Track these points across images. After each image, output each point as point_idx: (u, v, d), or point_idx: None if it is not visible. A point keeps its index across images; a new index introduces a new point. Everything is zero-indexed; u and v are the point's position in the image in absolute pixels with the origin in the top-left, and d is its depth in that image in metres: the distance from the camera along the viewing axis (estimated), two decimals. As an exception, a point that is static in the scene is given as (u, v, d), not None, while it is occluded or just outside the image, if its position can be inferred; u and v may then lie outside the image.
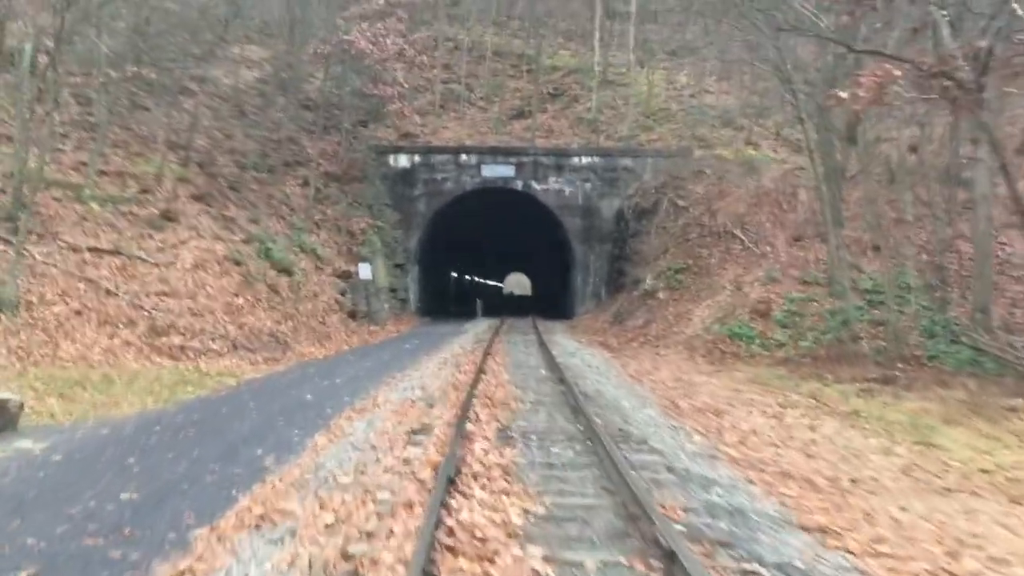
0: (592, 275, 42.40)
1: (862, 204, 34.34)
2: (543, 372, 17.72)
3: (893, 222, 32.38)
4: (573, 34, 55.20)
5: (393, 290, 37.89)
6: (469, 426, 10.53)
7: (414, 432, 10.40)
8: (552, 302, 56.52)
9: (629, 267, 39.46)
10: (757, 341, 25.96)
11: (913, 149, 37.28)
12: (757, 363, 24.76)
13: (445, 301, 58.85)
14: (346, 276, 31.77)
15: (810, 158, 29.74)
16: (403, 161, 41.89)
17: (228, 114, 35.68)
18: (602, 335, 32.76)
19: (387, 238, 38.90)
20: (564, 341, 28.76)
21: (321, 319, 27.20)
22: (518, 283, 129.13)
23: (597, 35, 48.49)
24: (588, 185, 42.17)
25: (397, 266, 39.95)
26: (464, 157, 42.06)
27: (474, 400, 12.84)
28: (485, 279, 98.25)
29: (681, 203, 39.07)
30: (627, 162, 42.00)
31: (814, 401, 16.31)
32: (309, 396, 14.82)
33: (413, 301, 42.22)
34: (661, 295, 32.31)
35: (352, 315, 30.21)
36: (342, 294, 30.48)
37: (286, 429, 11.37)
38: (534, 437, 10.42)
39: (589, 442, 10.07)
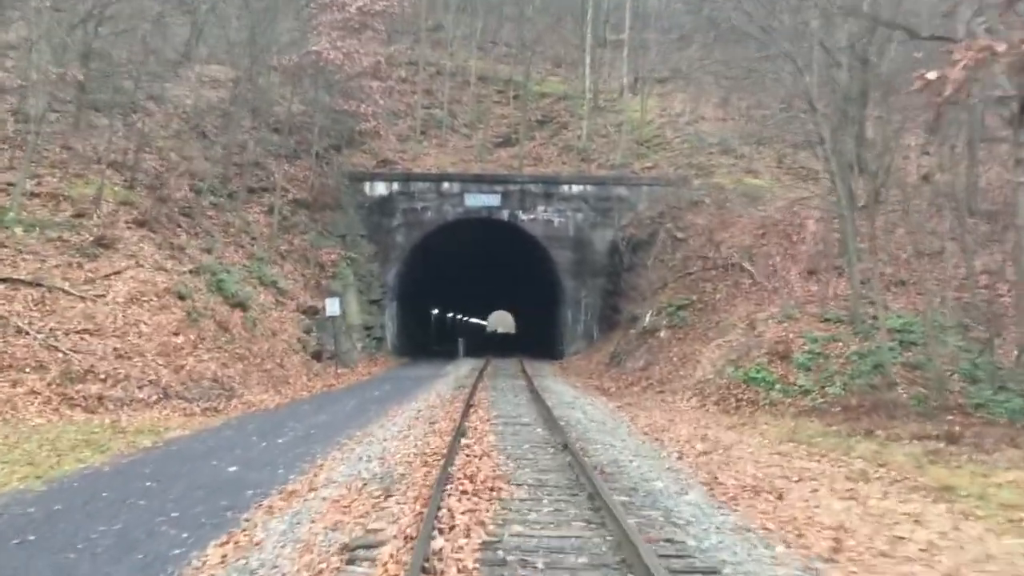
0: (583, 312, 38.87)
1: (879, 236, 31.24)
2: (540, 431, 14.06)
3: (914, 255, 29.22)
4: (562, 60, 52.19)
5: (367, 328, 34.22)
6: (439, 542, 6.79)
7: (350, 551, 6.70)
8: (539, 341, 52.87)
9: (624, 303, 35.99)
10: (777, 387, 22.39)
11: (926, 178, 34.25)
12: (779, 412, 21.22)
13: (426, 340, 55.10)
14: (312, 312, 28.10)
15: (832, 182, 26.44)
16: (380, 188, 38.44)
17: (187, 135, 32.12)
18: (598, 378, 29.18)
19: (361, 271, 35.31)
20: (557, 387, 25.15)
21: (279, 361, 23.49)
22: (502, 321, 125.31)
23: (588, 59, 45.44)
24: (579, 216, 38.80)
25: (372, 302, 36.34)
26: (446, 185, 38.66)
27: (449, 483, 9.14)
28: (468, 316, 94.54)
29: (680, 234, 35.76)
30: (621, 191, 38.68)
31: (882, 469, 12.73)
32: (233, 468, 11.13)
33: (390, 340, 38.55)
34: (662, 334, 28.77)
35: (317, 356, 26.48)
36: (307, 332, 26.79)
37: (168, 533, 7.69)
38: (541, 566, 6.65)
39: (632, 576, 6.37)
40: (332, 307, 26.94)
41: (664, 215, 36.90)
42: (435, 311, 59.30)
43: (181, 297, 21.57)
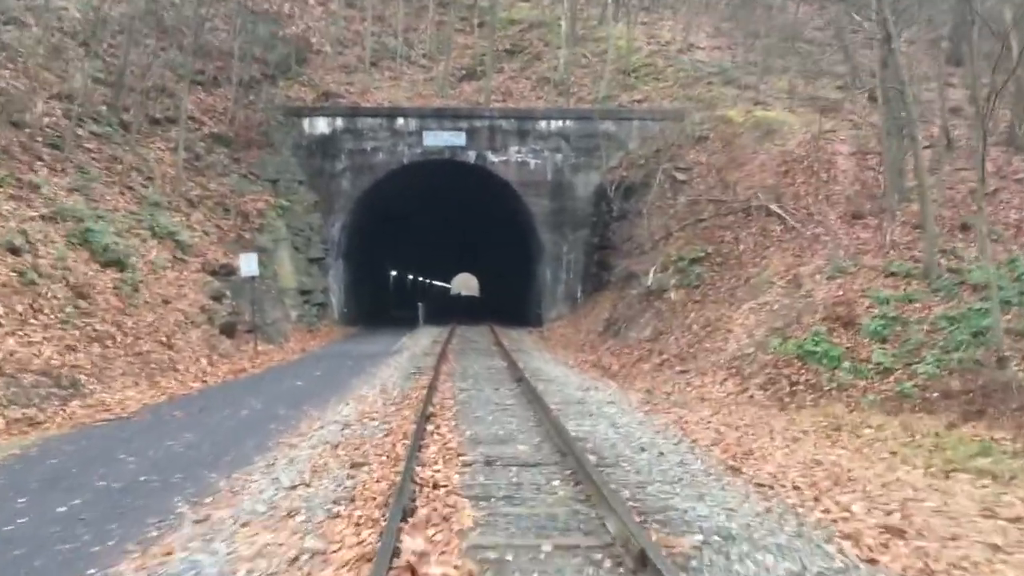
0: (565, 270, 32.45)
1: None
2: (566, 493, 7.24)
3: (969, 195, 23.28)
4: (533, -16, 45.29)
5: (305, 292, 27.51)
6: None
7: None
8: (511, 305, 46.38)
9: (616, 259, 29.69)
10: (846, 365, 16.25)
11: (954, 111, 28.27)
12: (854, 400, 15.17)
13: (383, 305, 48.44)
14: (227, 273, 21.39)
15: (884, 112, 20.15)
16: (321, 126, 31.55)
17: (71, 53, 24.98)
18: (593, 352, 22.86)
19: (297, 224, 28.54)
20: (548, 367, 18.68)
21: (166, 339, 16.78)
22: (466, 284, 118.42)
23: (564, -25, 38.54)
24: (559, 156, 32.24)
25: (312, 261, 29.60)
26: (401, 121, 31.86)
27: None
28: (431, 279, 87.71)
29: (681, 176, 29.46)
30: (608, 127, 32.12)
31: None
32: None
33: (336, 306, 31.89)
34: (672, 295, 22.44)
35: (228, 329, 19.77)
36: (216, 298, 20.07)
37: None
38: None
39: None
40: (248, 265, 20.21)
41: (660, 154, 30.51)
42: (393, 272, 52.60)
43: (13, 251, 14.80)
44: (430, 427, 9.75)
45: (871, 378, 15.95)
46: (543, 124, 32.19)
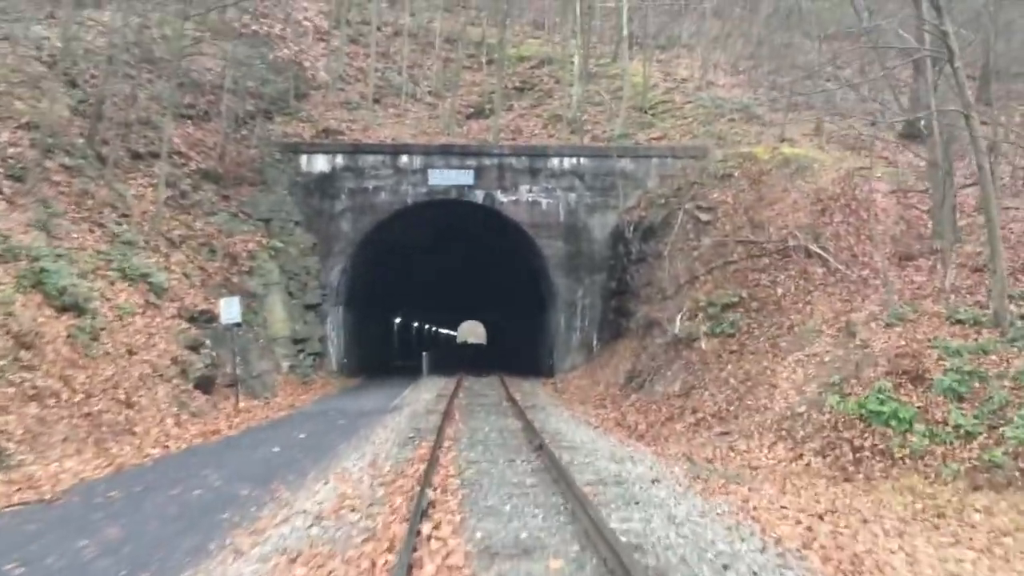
0: (580, 317, 30.00)
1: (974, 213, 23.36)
2: None
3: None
4: (542, 22, 43.47)
5: (299, 341, 25.09)
6: None
7: None
8: (520, 354, 43.86)
9: (635, 304, 27.27)
10: (919, 428, 13.72)
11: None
12: (934, 472, 12.67)
13: (387, 354, 45.99)
14: (209, 319, 18.99)
15: (931, 144, 17.80)
16: (320, 164, 29.40)
17: (49, 82, 22.89)
18: (615, 407, 20.35)
19: (292, 267, 26.23)
20: (570, 428, 16.06)
21: (125, 396, 14.33)
22: (473, 331, 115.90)
23: (578, 9, 36.60)
24: (572, 196, 29.98)
25: (309, 307, 27.22)
26: (405, 159, 29.69)
27: None
28: (437, 326, 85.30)
29: (704, 216, 27.08)
30: (625, 165, 29.90)
31: None
32: None
33: (334, 356, 29.42)
34: (704, 344, 19.95)
35: (206, 384, 17.31)
36: (193, 348, 17.64)
37: None
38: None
39: None
40: (229, 311, 17.82)
41: (682, 192, 28.25)
42: (398, 320, 50.21)
43: (-58, 294, 12.46)
44: (427, 526, 7.22)
45: (950, 443, 13.43)
46: (556, 162, 29.99)
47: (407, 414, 17.58)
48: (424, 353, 31.71)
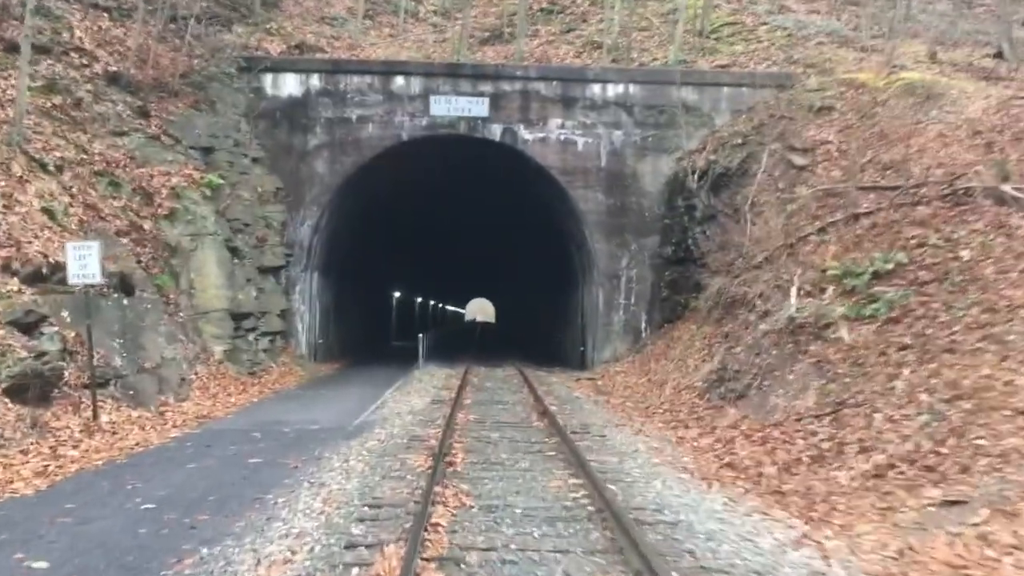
0: (625, 293, 22.72)
1: None
2: None
3: None
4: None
5: (242, 316, 17.86)
6: None
7: None
8: (541, 337, 36.59)
9: (703, 276, 20.12)
10: None
11: None
12: None
13: (381, 334, 38.76)
14: (62, 280, 11.65)
15: None
16: (290, 85, 22.14)
17: None
18: (701, 427, 13.02)
19: (242, 215, 19.01)
20: (666, 487, 8.79)
21: None
22: (482, 309, 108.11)
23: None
24: (618, 134, 22.66)
25: (265, 271, 20.06)
26: (400, 81, 22.40)
27: None
28: (442, 302, 77.92)
29: (799, 159, 20.14)
30: (687, 95, 22.54)
31: None
32: None
33: (304, 338, 22.24)
34: (845, 333, 12.61)
35: (36, 387, 10.06)
36: (26, 327, 10.42)
37: None
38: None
39: None
40: (81, 263, 10.56)
41: (765, 130, 21.14)
42: (396, 294, 43.02)
43: None
44: None
45: None
46: (596, 89, 22.65)
47: (375, 445, 10.24)
48: (421, 335, 24.37)
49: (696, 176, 21.47)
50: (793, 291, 14.72)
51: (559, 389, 17.97)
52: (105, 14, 19.08)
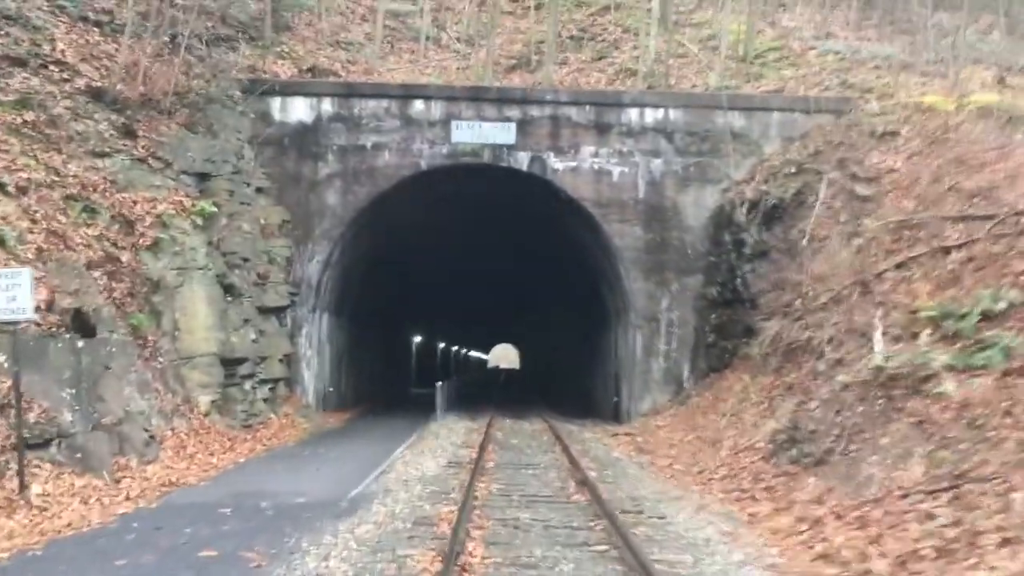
0: (666, 338, 20.36)
1: None
2: None
3: None
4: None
5: (235, 362, 15.64)
6: None
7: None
8: (568, 385, 34.15)
9: (755, 319, 17.82)
10: None
11: None
12: None
13: (403, 381, 36.51)
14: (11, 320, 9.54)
15: None
16: (299, 110, 20.25)
17: None
18: (773, 499, 10.60)
19: (240, 249, 16.95)
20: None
21: None
22: (506, 356, 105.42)
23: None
24: (657, 163, 20.51)
25: (267, 311, 17.98)
26: (419, 106, 20.44)
27: None
28: (465, 347, 75.59)
29: (862, 188, 17.97)
30: (733, 120, 20.39)
31: None
32: None
33: (312, 384, 20.07)
34: (950, 388, 10.25)
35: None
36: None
37: None
38: None
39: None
40: (9, 295, 8.41)
41: (821, 157, 18.99)
42: (418, 339, 40.85)
43: None
44: None
45: None
46: (634, 114, 20.58)
47: (369, 532, 7.82)
48: (440, 384, 22.03)
49: (745, 208, 19.25)
50: (877, 336, 12.37)
51: (595, 448, 15.56)
52: (96, 28, 17.29)
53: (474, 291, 38.96)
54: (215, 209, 15.67)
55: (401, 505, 8.82)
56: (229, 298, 15.74)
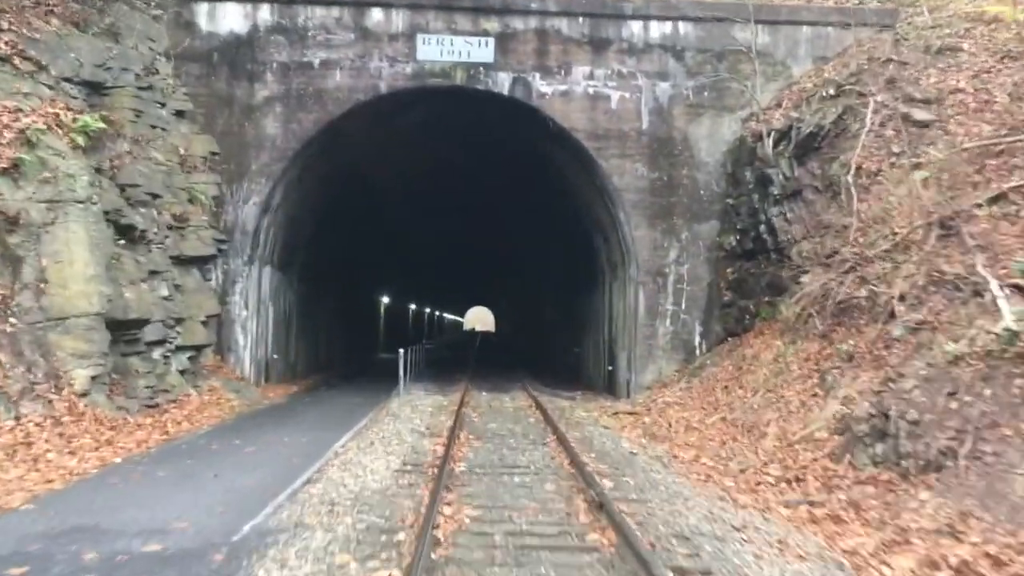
0: (672, 296, 16.87)
1: None
2: None
3: None
4: None
5: (129, 326, 11.92)
6: None
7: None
8: (552, 350, 30.69)
9: (789, 274, 14.47)
10: None
11: None
12: None
13: (368, 347, 32.89)
14: None
15: None
16: (232, 18, 16.41)
17: None
18: (884, 528, 7.17)
19: (147, 183, 13.16)
20: None
21: None
22: (482, 319, 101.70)
23: None
24: (664, 87, 16.91)
25: (187, 262, 14.32)
26: (377, 15, 16.64)
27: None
28: (438, 309, 71.91)
29: (920, 112, 14.39)
30: (756, 35, 16.76)
31: None
32: None
33: (248, 353, 16.44)
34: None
35: None
36: None
37: None
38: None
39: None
40: None
41: (865, 77, 15.48)
42: (385, 299, 37.13)
43: None
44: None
45: None
46: (636, 28, 16.92)
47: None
48: (402, 350, 18.41)
49: (771, 140, 15.71)
50: (995, 290, 8.93)
51: (597, 435, 12.07)
52: None
53: (447, 243, 35.12)
54: (102, 125, 11.87)
55: (310, 565, 5.29)
56: (123, 242, 12.01)
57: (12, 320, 9.77)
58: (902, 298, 10.87)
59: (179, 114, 15.43)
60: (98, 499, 7.09)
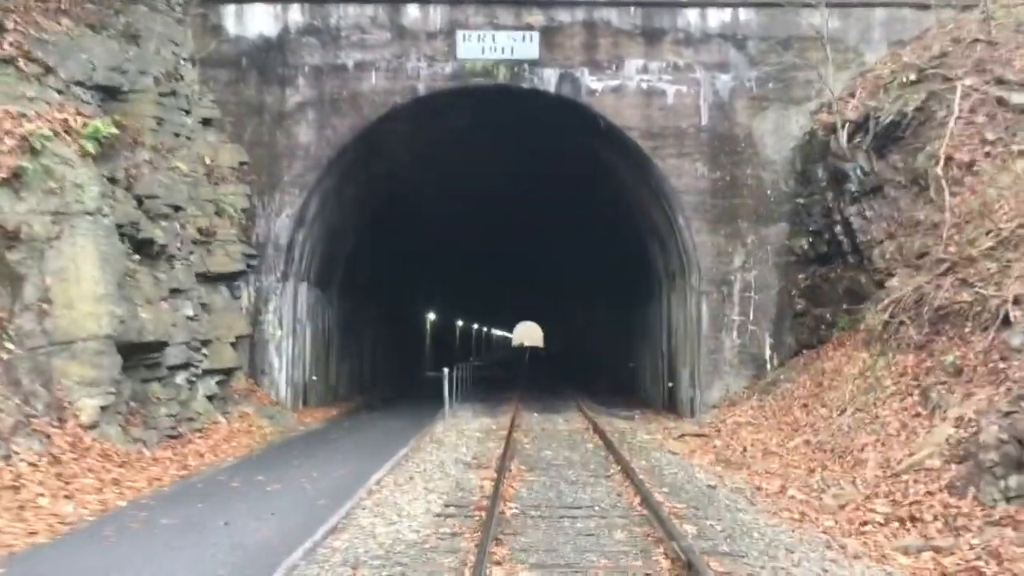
0: (739, 304, 15.37)
1: None
2: None
3: None
4: None
5: (143, 350, 10.83)
6: None
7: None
8: (605, 365, 29.18)
9: (872, 278, 12.96)
10: None
11: None
12: None
13: (414, 365, 31.72)
14: None
15: None
16: (260, 20, 15.44)
17: None
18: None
19: (166, 194, 12.13)
20: None
21: None
22: (530, 334, 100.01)
23: None
24: (725, 79, 15.53)
25: (214, 280, 13.28)
26: (414, 12, 15.53)
27: None
28: (488, 326, 70.63)
29: (1016, 95, 12.80)
30: (824, 22, 15.27)
31: None
32: None
33: (284, 375, 15.34)
34: None
35: None
36: None
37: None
38: None
39: None
40: None
41: (950, 61, 13.88)
42: (431, 315, 35.99)
43: None
44: None
45: None
46: (693, 16, 15.59)
47: None
48: (447, 369, 17.18)
49: (846, 132, 14.20)
50: None
51: (662, 460, 10.69)
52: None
53: (493, 254, 33.69)
54: (115, 131, 10.83)
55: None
56: (139, 258, 10.96)
57: (8, 346, 8.72)
58: (1016, 301, 9.35)
59: (206, 122, 14.47)
60: (81, 559, 5.91)
